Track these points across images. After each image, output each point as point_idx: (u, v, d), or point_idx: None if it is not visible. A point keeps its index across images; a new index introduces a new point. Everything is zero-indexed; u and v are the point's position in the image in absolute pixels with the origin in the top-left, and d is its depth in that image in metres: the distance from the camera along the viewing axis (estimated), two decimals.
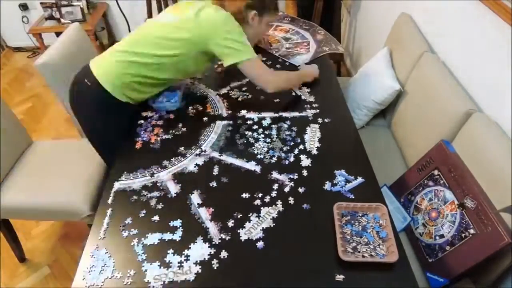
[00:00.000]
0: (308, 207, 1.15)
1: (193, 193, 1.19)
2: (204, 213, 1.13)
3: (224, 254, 1.03)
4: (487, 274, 1.16)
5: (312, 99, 1.60)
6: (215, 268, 1.00)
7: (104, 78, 1.41)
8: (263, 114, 1.51)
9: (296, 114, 1.52)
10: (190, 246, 1.05)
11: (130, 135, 1.42)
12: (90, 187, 1.69)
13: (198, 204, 1.16)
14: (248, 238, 1.07)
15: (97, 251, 1.04)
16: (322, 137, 1.40)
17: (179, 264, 1.01)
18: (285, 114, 1.51)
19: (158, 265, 1.01)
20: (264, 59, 1.85)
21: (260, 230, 1.09)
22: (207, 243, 1.06)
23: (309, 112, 1.52)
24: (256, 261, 1.02)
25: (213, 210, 1.14)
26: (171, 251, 1.04)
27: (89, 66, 1.46)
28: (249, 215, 1.12)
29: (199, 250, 1.04)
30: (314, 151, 1.34)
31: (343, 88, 1.75)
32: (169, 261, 1.02)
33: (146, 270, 1.00)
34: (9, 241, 1.84)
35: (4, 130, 1.71)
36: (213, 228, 1.09)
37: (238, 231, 1.08)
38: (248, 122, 1.48)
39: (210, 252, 1.03)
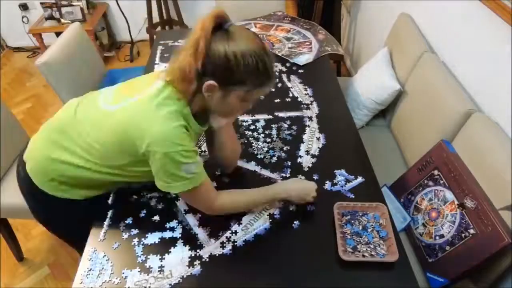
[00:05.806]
0: (308, 206, 1.15)
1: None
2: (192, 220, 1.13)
3: (224, 252, 1.03)
4: (487, 274, 1.16)
5: (312, 99, 1.60)
6: (213, 268, 1.00)
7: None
8: (263, 114, 1.51)
9: (296, 113, 1.52)
10: (170, 250, 1.03)
11: None
12: None
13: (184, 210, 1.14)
14: (247, 236, 1.07)
15: (95, 254, 1.03)
16: (323, 136, 1.40)
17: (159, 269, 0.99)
18: (284, 114, 1.51)
19: (138, 271, 0.99)
20: None
21: (260, 229, 1.09)
22: (190, 245, 1.04)
23: (309, 112, 1.52)
24: (256, 260, 1.02)
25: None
26: (151, 255, 1.02)
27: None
28: (248, 214, 1.12)
29: (179, 253, 1.02)
30: (313, 151, 1.34)
31: (343, 88, 1.75)
32: (150, 266, 1.00)
33: (126, 277, 0.98)
34: (8, 241, 1.84)
35: (3, 130, 1.71)
36: (202, 234, 1.08)
37: (238, 230, 1.08)
38: (248, 122, 1.47)
39: (197, 254, 1.02)
